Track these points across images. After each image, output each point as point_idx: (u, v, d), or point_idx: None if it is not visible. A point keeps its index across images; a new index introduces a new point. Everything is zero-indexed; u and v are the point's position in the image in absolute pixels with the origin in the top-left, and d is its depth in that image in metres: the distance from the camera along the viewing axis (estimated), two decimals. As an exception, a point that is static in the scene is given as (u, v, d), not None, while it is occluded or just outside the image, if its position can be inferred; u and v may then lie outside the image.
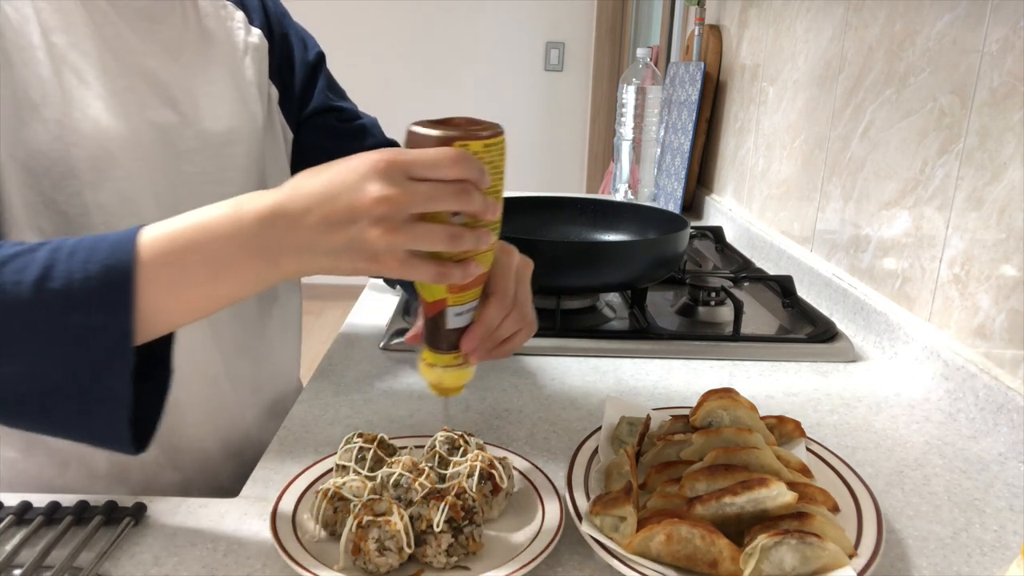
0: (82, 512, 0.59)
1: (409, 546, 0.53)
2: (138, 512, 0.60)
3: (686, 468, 0.60)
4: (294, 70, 0.88)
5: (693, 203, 1.88)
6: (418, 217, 0.50)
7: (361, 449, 0.62)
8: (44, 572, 0.53)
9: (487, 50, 3.86)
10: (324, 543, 0.56)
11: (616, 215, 1.20)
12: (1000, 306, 0.81)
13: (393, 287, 1.13)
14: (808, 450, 0.68)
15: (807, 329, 1.03)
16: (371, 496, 0.56)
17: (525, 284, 0.62)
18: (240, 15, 0.82)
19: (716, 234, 1.52)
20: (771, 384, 0.90)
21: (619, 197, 1.75)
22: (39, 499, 0.60)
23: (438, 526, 0.53)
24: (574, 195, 1.47)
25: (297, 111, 0.89)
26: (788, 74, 1.40)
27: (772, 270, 1.34)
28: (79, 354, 0.51)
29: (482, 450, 0.63)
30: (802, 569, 0.50)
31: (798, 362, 0.97)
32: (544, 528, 0.57)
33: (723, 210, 1.69)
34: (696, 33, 1.83)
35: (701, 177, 1.88)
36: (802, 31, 1.35)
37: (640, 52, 1.70)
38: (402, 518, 0.53)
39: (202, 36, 0.77)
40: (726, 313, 1.07)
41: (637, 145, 1.73)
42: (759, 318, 1.12)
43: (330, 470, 0.64)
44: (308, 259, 0.51)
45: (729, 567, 0.51)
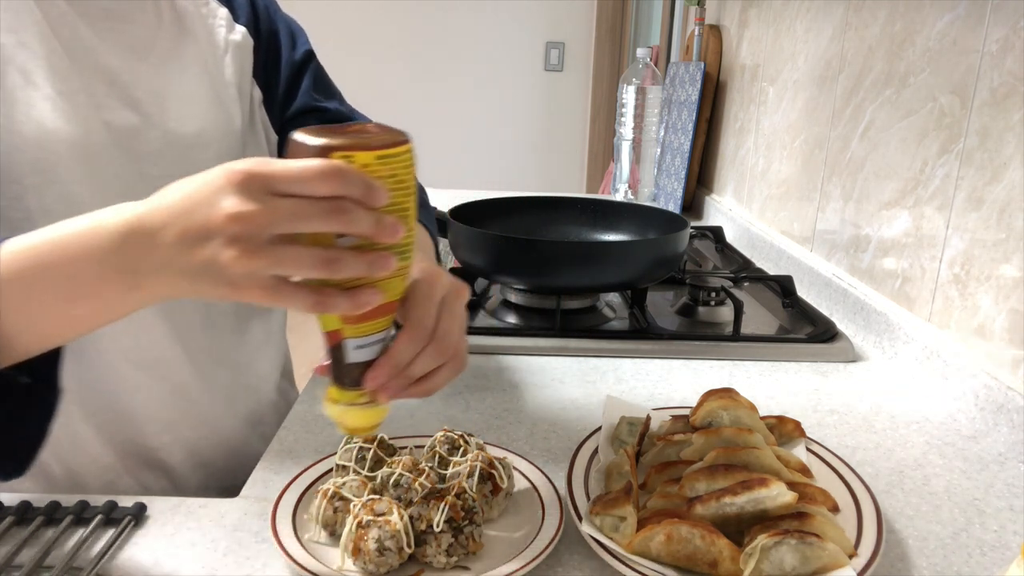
0: (82, 512, 0.59)
1: (409, 546, 0.53)
2: (138, 512, 0.60)
3: (686, 468, 0.60)
4: (279, 69, 0.85)
5: (693, 203, 1.88)
6: (287, 238, 0.44)
7: (361, 449, 0.62)
8: (44, 572, 0.53)
9: (487, 50, 3.85)
10: (324, 543, 0.56)
11: (616, 215, 1.20)
12: (1000, 306, 0.81)
13: None
14: (808, 450, 0.68)
15: (807, 329, 1.03)
16: (371, 496, 0.56)
17: (452, 314, 0.55)
18: (224, 12, 0.79)
19: (716, 234, 1.52)
20: (771, 384, 0.90)
21: (619, 197, 1.75)
22: (39, 499, 0.60)
23: (438, 526, 0.53)
24: (574, 195, 1.47)
25: (280, 112, 0.86)
26: (788, 74, 1.40)
27: (772, 270, 1.34)
28: None
29: (482, 450, 0.63)
30: (802, 569, 0.50)
31: (798, 362, 0.97)
32: (544, 528, 0.57)
33: (723, 210, 1.69)
34: (696, 33, 1.83)
35: (701, 177, 1.88)
36: (802, 31, 1.35)
37: (640, 52, 1.70)
38: (402, 518, 0.53)
39: (176, 35, 0.75)
40: (726, 313, 1.07)
41: (637, 145, 1.73)
42: (759, 318, 1.12)
43: (330, 470, 0.64)
44: (168, 280, 0.46)
45: (729, 567, 0.51)
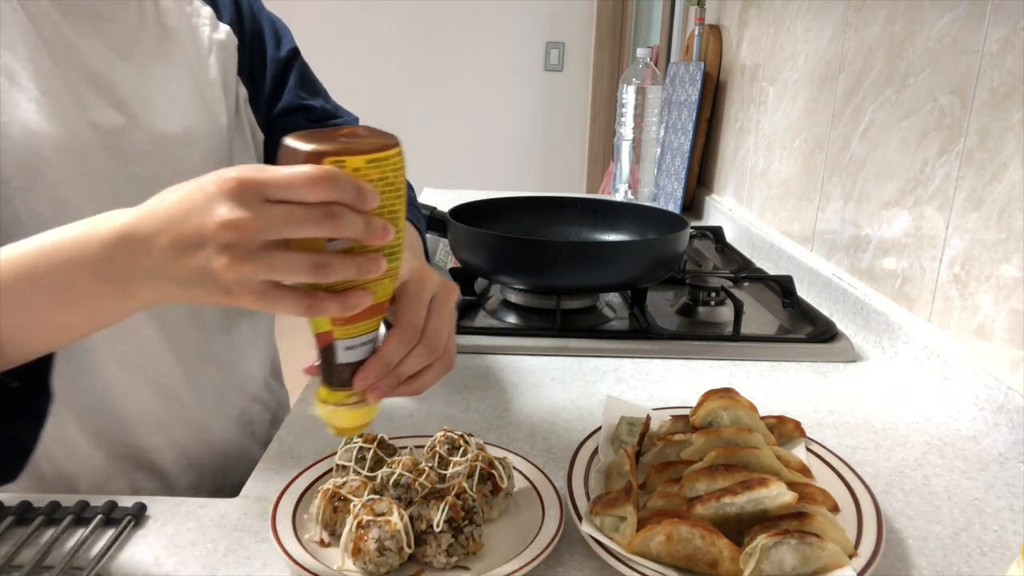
0: (82, 512, 0.59)
1: (409, 546, 0.53)
2: (138, 512, 0.60)
3: (686, 468, 0.60)
4: (265, 67, 0.85)
5: (693, 203, 1.88)
6: (278, 244, 0.44)
7: (361, 449, 0.62)
8: (44, 572, 0.53)
9: (487, 50, 3.85)
10: (324, 543, 0.56)
11: (616, 215, 1.20)
12: (1000, 306, 0.81)
13: None
14: (808, 450, 0.68)
15: (807, 329, 1.03)
16: (371, 496, 0.56)
17: (441, 314, 0.56)
18: (207, 11, 0.79)
19: (716, 234, 1.52)
20: (771, 384, 0.90)
21: (619, 197, 1.75)
22: (39, 499, 0.60)
23: (438, 526, 0.53)
24: (574, 195, 1.47)
25: (266, 110, 0.86)
26: (788, 74, 1.40)
27: (772, 270, 1.34)
28: None
29: (482, 450, 0.63)
30: (802, 569, 0.50)
31: (798, 362, 0.97)
32: (544, 528, 0.57)
33: (723, 210, 1.69)
34: (696, 33, 1.83)
35: (701, 177, 1.88)
36: (802, 31, 1.35)
37: (640, 52, 1.70)
38: (402, 518, 0.53)
39: (160, 34, 0.75)
40: (726, 313, 1.07)
41: (637, 145, 1.73)
42: (759, 318, 1.12)
43: (330, 470, 0.64)
44: (161, 288, 0.47)
45: (729, 567, 0.51)
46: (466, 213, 1.11)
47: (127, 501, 0.61)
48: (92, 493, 0.75)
